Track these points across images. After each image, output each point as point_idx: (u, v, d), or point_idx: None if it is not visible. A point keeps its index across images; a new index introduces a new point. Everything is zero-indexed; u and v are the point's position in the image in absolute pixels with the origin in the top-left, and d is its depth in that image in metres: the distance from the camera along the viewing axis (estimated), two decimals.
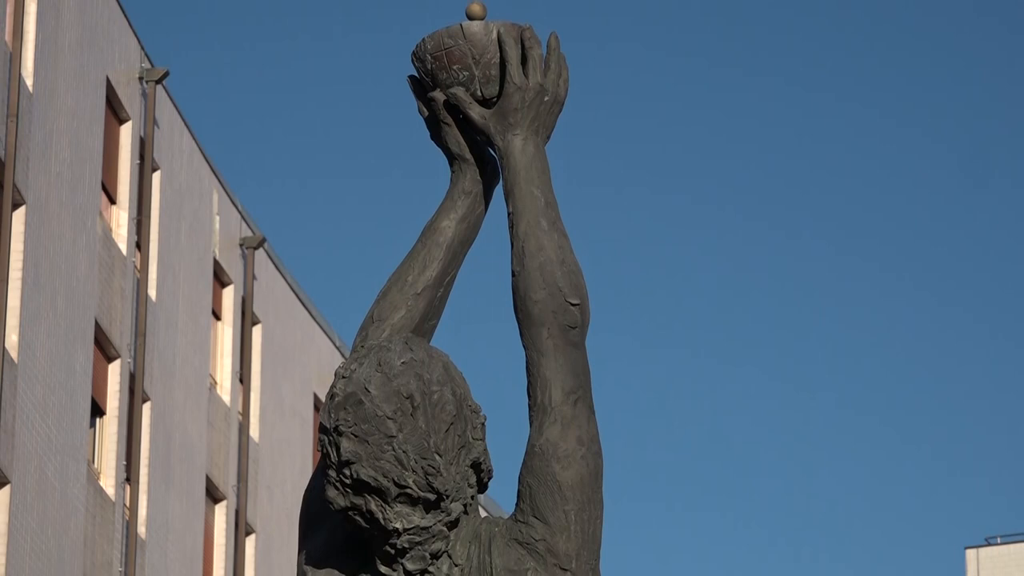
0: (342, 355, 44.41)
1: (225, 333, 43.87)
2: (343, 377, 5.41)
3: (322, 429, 5.39)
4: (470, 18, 5.98)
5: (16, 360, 33.80)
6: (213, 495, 42.49)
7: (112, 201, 38.49)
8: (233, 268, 43.91)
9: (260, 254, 44.87)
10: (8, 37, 33.81)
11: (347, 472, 5.18)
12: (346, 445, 5.20)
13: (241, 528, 43.53)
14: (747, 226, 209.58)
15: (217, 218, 43.22)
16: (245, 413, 43.91)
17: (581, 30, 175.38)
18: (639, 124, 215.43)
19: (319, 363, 44.33)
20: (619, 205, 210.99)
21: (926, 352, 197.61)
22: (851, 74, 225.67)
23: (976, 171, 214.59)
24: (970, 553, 58.10)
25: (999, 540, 58.47)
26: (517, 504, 5.44)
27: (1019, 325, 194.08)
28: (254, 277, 44.69)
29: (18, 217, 33.88)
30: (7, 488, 33.36)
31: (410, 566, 5.32)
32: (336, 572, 5.32)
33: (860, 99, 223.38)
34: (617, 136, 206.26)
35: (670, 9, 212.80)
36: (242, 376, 43.94)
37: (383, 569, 5.40)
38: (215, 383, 42.97)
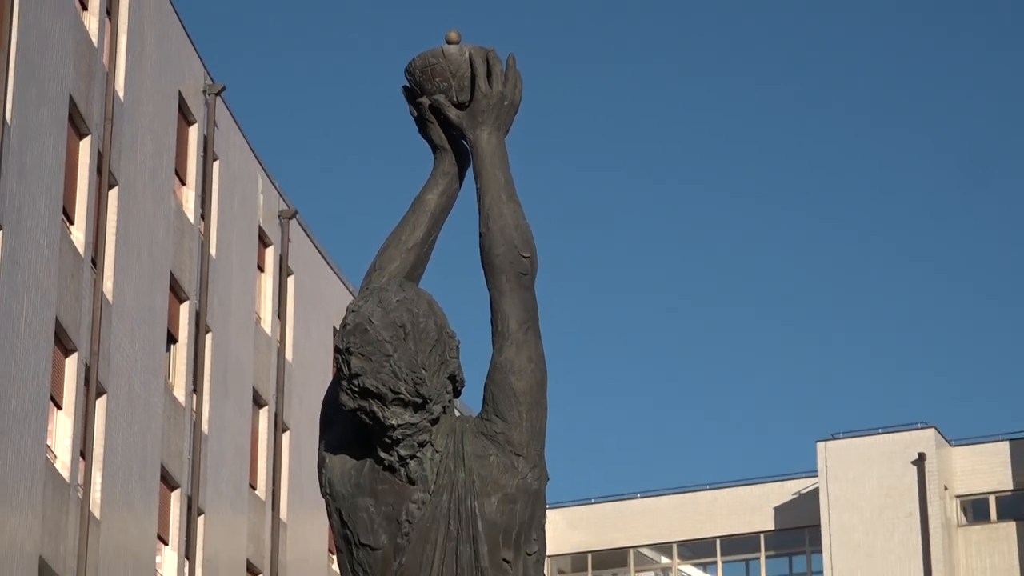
0: (353, 296, 43.65)
1: (266, 282, 43.73)
2: (352, 311, 6.10)
3: (337, 350, 5.91)
4: (448, 43, 6.50)
5: (112, 301, 33.45)
6: (258, 402, 42.03)
7: (183, 183, 38.54)
8: (273, 233, 43.79)
9: (294, 223, 45.03)
10: (105, 60, 34.13)
11: (355, 382, 5.82)
12: (355, 362, 5.90)
13: (279, 427, 43.22)
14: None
15: (261, 196, 43.21)
16: (282, 341, 43.63)
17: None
18: None
19: (337, 304, 43.80)
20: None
21: (777, 247, 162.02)
22: None
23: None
24: (820, 445, 56.81)
25: (841, 435, 57.12)
26: (483, 407, 6.18)
27: (866, 223, 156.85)
28: (289, 240, 44.67)
29: (112, 195, 33.97)
30: (104, 397, 32.93)
31: (403, 452, 5.80)
32: (347, 457, 5.84)
33: None
34: None
35: None
36: (280, 313, 43.64)
37: (383, 455, 5.85)
38: (259, 319, 42.81)
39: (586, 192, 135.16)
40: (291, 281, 44.15)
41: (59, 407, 31.39)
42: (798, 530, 57.62)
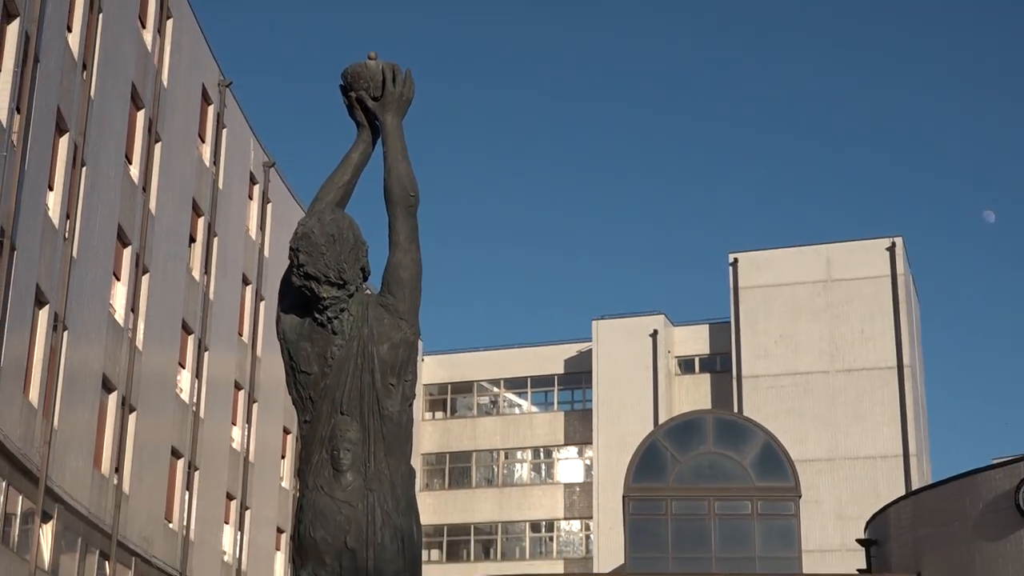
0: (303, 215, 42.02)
1: (254, 207, 43.42)
2: (301, 225, 6.30)
3: (290, 249, 6.35)
4: (369, 59, 6.87)
5: (154, 213, 32.97)
6: (246, 281, 41.53)
7: (203, 141, 38.39)
8: (259, 176, 43.39)
9: (273, 171, 44.65)
10: (156, 61, 33.90)
11: (301, 270, 6.16)
12: (301, 257, 6.25)
13: (257, 299, 42.60)
14: None
15: (252, 152, 42.86)
16: (262, 247, 43.09)
17: None
18: None
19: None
20: None
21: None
22: None
23: None
24: (594, 323, 56.33)
25: (607, 316, 56.82)
26: (381, 288, 6.56)
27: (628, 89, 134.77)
28: (268, 181, 44.29)
29: (157, 148, 33.78)
30: (148, 275, 32.51)
31: (330, 315, 6.17)
32: (295, 316, 6.06)
33: None
34: None
35: None
36: (261, 226, 43.44)
37: (317, 316, 6.16)
38: (248, 229, 42.31)
39: None
40: (269, 208, 43.96)
41: (119, 279, 31.22)
42: (578, 373, 57.61)
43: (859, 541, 32.04)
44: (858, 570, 31.09)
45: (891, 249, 51.47)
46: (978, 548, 26.18)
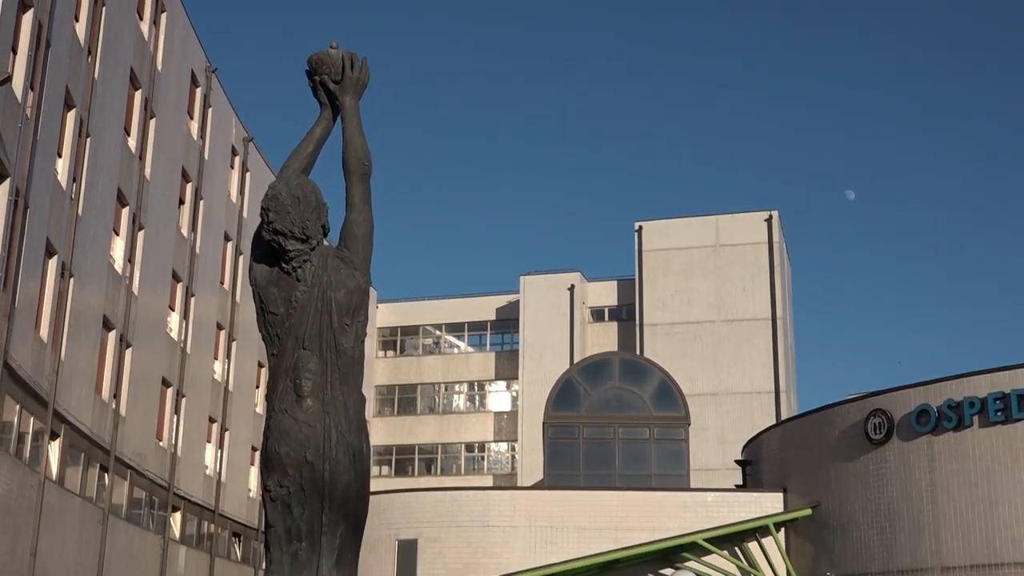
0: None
1: (235, 174, 43.04)
2: (271, 187, 6.21)
3: (261, 208, 6.24)
4: (331, 48, 6.75)
5: (149, 178, 32.68)
6: (227, 237, 41.40)
7: (191, 118, 37.80)
8: (239, 147, 42.95)
9: (251, 146, 44.20)
10: (151, 49, 33.33)
11: (270, 226, 6.18)
12: (271, 215, 6.21)
13: (237, 253, 42.37)
14: None
15: (233, 128, 42.46)
16: (240, 208, 42.84)
17: None
18: None
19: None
20: None
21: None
22: None
23: None
24: (522, 278, 56.06)
25: (531, 272, 56.73)
26: (339, 242, 6.52)
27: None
28: (247, 153, 43.92)
29: (152, 123, 33.43)
30: (144, 232, 32.20)
31: (295, 265, 6.15)
32: (265, 266, 6.14)
33: None
34: None
35: None
36: (241, 190, 43.04)
37: (284, 266, 6.18)
38: (230, 194, 42.01)
39: None
40: (248, 176, 43.61)
41: (117, 234, 30.90)
42: (507, 320, 57.71)
43: (737, 462, 32.39)
44: (736, 485, 31.41)
45: (768, 220, 51.95)
46: (833, 468, 26.54)
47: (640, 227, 53.16)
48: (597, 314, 56.22)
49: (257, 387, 44.35)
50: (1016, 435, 23.09)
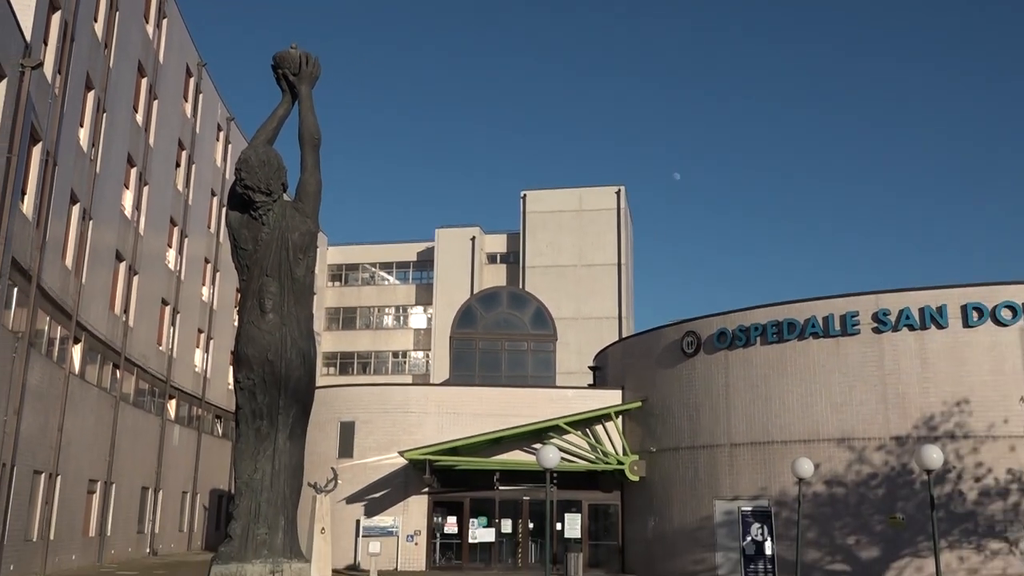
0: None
1: (219, 147, 41.71)
2: (243, 153, 6.21)
3: (236, 168, 6.04)
4: (291, 48, 6.48)
5: (153, 145, 31.60)
6: (213, 193, 40.30)
7: (185, 101, 36.31)
8: (223, 125, 41.74)
9: (232, 124, 42.86)
10: (154, 47, 31.81)
11: (242, 182, 5.87)
12: (242, 173, 5.95)
13: (220, 206, 41.42)
14: None
15: (219, 110, 41.08)
16: (224, 171, 41.71)
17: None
18: None
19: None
20: None
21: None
22: None
23: None
24: (437, 231, 55.92)
25: (444, 225, 56.06)
26: (295, 197, 6.19)
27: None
28: (229, 129, 42.67)
29: (155, 104, 32.07)
30: (148, 187, 31.15)
31: (261, 212, 5.94)
32: (238, 213, 5.94)
33: None
34: None
35: None
36: (224, 158, 41.70)
37: (252, 213, 6.04)
38: (216, 164, 40.82)
39: None
40: (230, 147, 42.33)
41: (127, 188, 29.87)
42: (425, 261, 57.41)
43: (590, 368, 32.72)
44: (588, 385, 31.82)
45: (618, 192, 52.44)
46: (657, 373, 26.98)
47: (525, 195, 53.08)
48: (491, 258, 55.95)
49: (235, 307, 43.31)
50: (784, 352, 23.64)
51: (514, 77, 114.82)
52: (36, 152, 21.51)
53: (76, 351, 25.33)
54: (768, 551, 19.13)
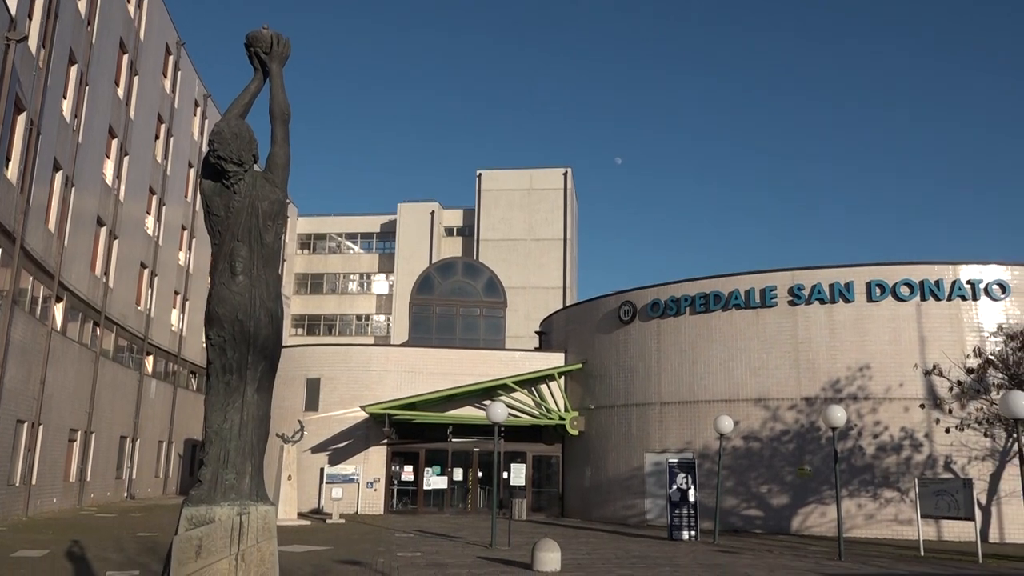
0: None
1: (196, 121, 40.60)
2: (216, 126, 6.03)
3: (208, 140, 5.85)
4: (263, 29, 6.25)
5: (133, 118, 30.67)
6: (190, 165, 39.36)
7: (165, 77, 35.25)
8: (200, 101, 40.67)
9: (209, 100, 41.77)
10: (136, 25, 30.75)
11: (214, 153, 5.68)
12: (215, 145, 5.76)
13: (197, 176, 40.50)
14: None
15: (197, 87, 40.01)
16: (200, 144, 40.76)
17: None
18: None
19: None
20: None
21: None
22: None
23: None
24: (400, 205, 55.70)
25: (407, 201, 55.26)
26: (265, 167, 6.03)
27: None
28: (206, 105, 41.63)
29: (136, 80, 31.10)
30: (128, 159, 30.27)
31: (232, 181, 5.79)
32: (211, 182, 5.76)
33: None
34: None
35: None
36: (201, 132, 40.78)
37: (224, 182, 5.87)
38: (194, 138, 39.85)
39: None
40: (207, 122, 41.24)
41: (108, 158, 29.01)
42: (388, 232, 57.05)
43: (536, 332, 32.81)
44: (534, 348, 31.96)
45: (565, 174, 52.41)
46: (596, 338, 27.15)
47: (480, 173, 52.63)
48: (449, 231, 55.60)
49: (209, 271, 42.57)
50: (710, 321, 23.90)
51: (477, 60, 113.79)
52: (20, 121, 20.77)
53: (58, 309, 24.64)
54: (691, 498, 19.53)
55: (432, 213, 54.75)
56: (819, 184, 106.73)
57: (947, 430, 20.13)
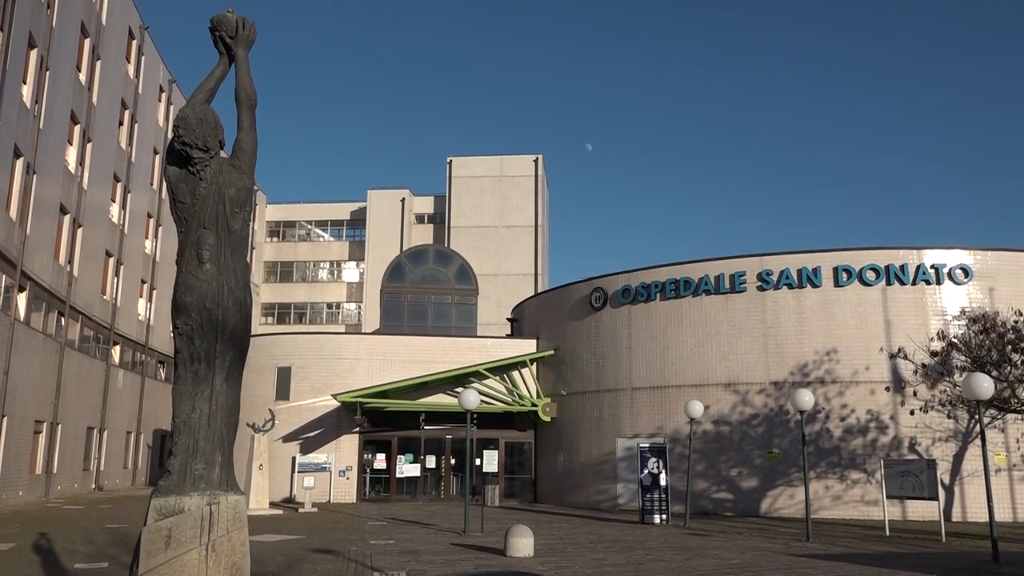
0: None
1: (161, 107, 39.99)
2: (181, 111, 5.92)
3: (173, 126, 5.75)
4: (228, 12, 6.13)
5: (95, 103, 30.10)
6: (155, 151, 38.84)
7: (128, 61, 34.67)
8: (165, 86, 40.05)
9: (174, 86, 41.12)
10: (98, 10, 30.12)
11: (179, 139, 5.59)
12: (180, 132, 5.66)
13: (163, 163, 39.99)
14: None
15: (161, 72, 39.36)
16: (165, 130, 40.19)
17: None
18: None
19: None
20: None
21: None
22: None
23: None
24: (370, 192, 55.32)
25: (378, 187, 55.29)
26: (231, 153, 5.93)
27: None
28: (171, 91, 40.99)
29: (98, 64, 30.55)
30: (90, 143, 29.75)
31: (198, 168, 5.70)
32: (177, 168, 5.68)
33: None
34: None
35: None
36: (167, 117, 40.20)
37: (190, 169, 5.79)
38: (159, 124, 39.28)
39: None
40: (172, 108, 40.61)
41: (71, 144, 28.48)
42: (358, 220, 56.72)
43: (508, 319, 32.81)
44: (506, 335, 32.02)
45: (536, 161, 52.40)
46: (568, 324, 27.19)
47: (451, 160, 52.42)
48: (420, 218, 55.40)
49: (176, 259, 42.05)
50: (680, 307, 24.03)
51: (448, 46, 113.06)
52: None
53: (21, 299, 24.21)
54: (663, 482, 19.72)
55: (403, 200, 54.50)
56: (790, 168, 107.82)
57: (912, 412, 20.40)
